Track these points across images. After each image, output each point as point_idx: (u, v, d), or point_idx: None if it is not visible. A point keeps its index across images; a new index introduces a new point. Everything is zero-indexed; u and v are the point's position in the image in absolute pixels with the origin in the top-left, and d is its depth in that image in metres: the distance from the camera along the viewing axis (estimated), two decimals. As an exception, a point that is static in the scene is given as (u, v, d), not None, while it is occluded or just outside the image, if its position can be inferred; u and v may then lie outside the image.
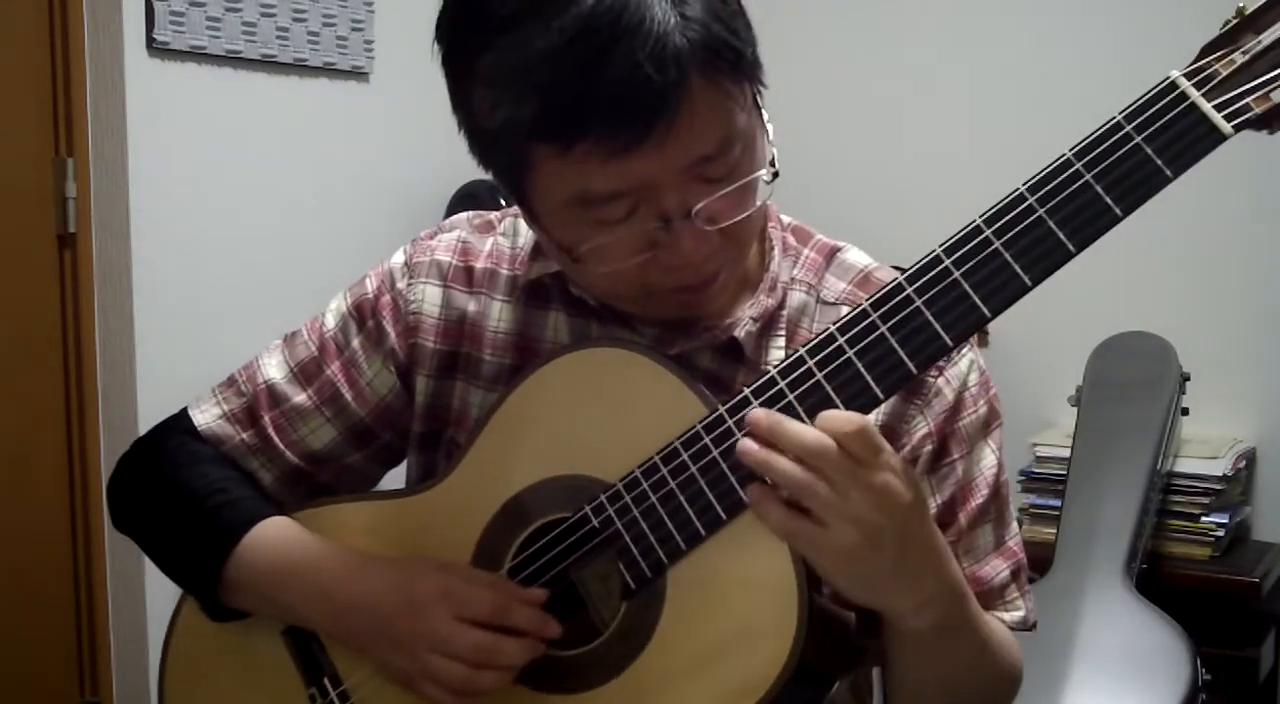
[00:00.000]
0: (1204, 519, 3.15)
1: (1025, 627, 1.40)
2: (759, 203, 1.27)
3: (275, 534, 1.42)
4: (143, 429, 1.58)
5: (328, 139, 3.27)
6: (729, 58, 1.19)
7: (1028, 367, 3.27)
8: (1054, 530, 3.05)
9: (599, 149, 1.16)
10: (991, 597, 1.37)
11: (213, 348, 2.79)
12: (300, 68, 3.17)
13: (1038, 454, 3.32)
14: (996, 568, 1.38)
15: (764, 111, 1.27)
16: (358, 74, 3.32)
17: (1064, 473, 3.15)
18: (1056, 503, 3.12)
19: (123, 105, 2.81)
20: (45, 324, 2.81)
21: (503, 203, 3.15)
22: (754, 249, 1.38)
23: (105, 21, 2.79)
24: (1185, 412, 3.24)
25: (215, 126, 3.00)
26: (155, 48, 2.85)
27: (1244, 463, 3.29)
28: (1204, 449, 3.24)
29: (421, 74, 3.60)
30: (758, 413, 1.15)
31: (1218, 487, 3.15)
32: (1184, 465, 3.19)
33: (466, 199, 3.32)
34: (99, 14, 2.79)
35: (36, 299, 2.79)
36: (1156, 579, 3.06)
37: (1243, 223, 3.30)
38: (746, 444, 1.15)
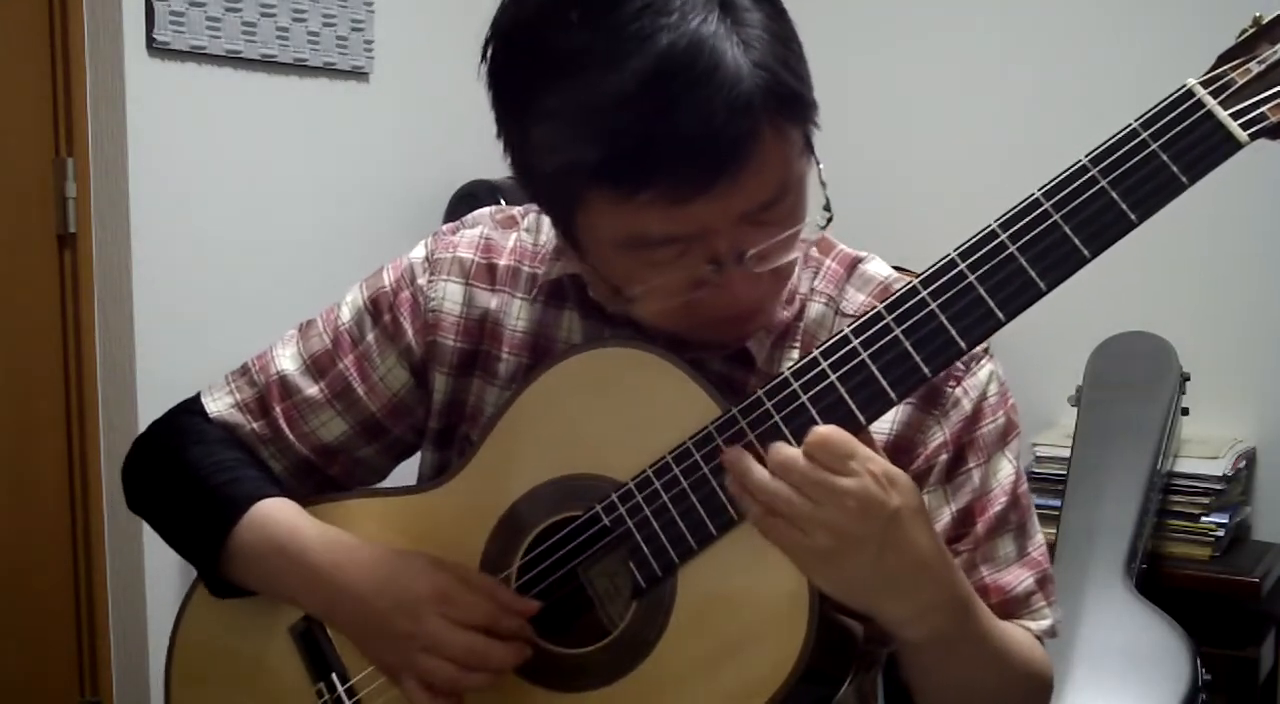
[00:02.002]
0: (1204, 519, 3.15)
1: (1053, 635, 1.39)
2: (810, 243, 1.28)
3: (272, 513, 1.43)
4: (143, 429, 1.58)
5: (328, 139, 3.26)
6: (794, 104, 1.19)
7: (1028, 367, 3.26)
8: (1054, 530, 3.05)
9: (662, 197, 1.15)
10: (1016, 605, 1.36)
11: (213, 348, 2.79)
12: (300, 68, 3.16)
13: (1038, 454, 3.32)
14: (1019, 577, 1.37)
15: (815, 152, 1.26)
16: (358, 74, 3.32)
17: (1064, 473, 3.15)
18: (1056, 503, 3.12)
19: (123, 105, 2.80)
20: (45, 324, 2.81)
21: (503, 202, 3.16)
22: None
23: (105, 21, 2.78)
24: (1185, 412, 3.24)
25: (215, 126, 2.99)
26: (155, 48, 2.84)
27: (1244, 463, 3.29)
28: (1204, 449, 3.24)
29: (421, 74, 3.62)
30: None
31: (1218, 487, 3.15)
32: (1184, 465, 3.19)
33: (466, 199, 3.31)
34: (99, 14, 2.78)
35: (36, 299, 2.79)
36: (1156, 579, 3.06)
37: (1243, 223, 3.31)
38: (729, 453, 1.17)
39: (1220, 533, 3.13)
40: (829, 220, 1.26)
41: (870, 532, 1.12)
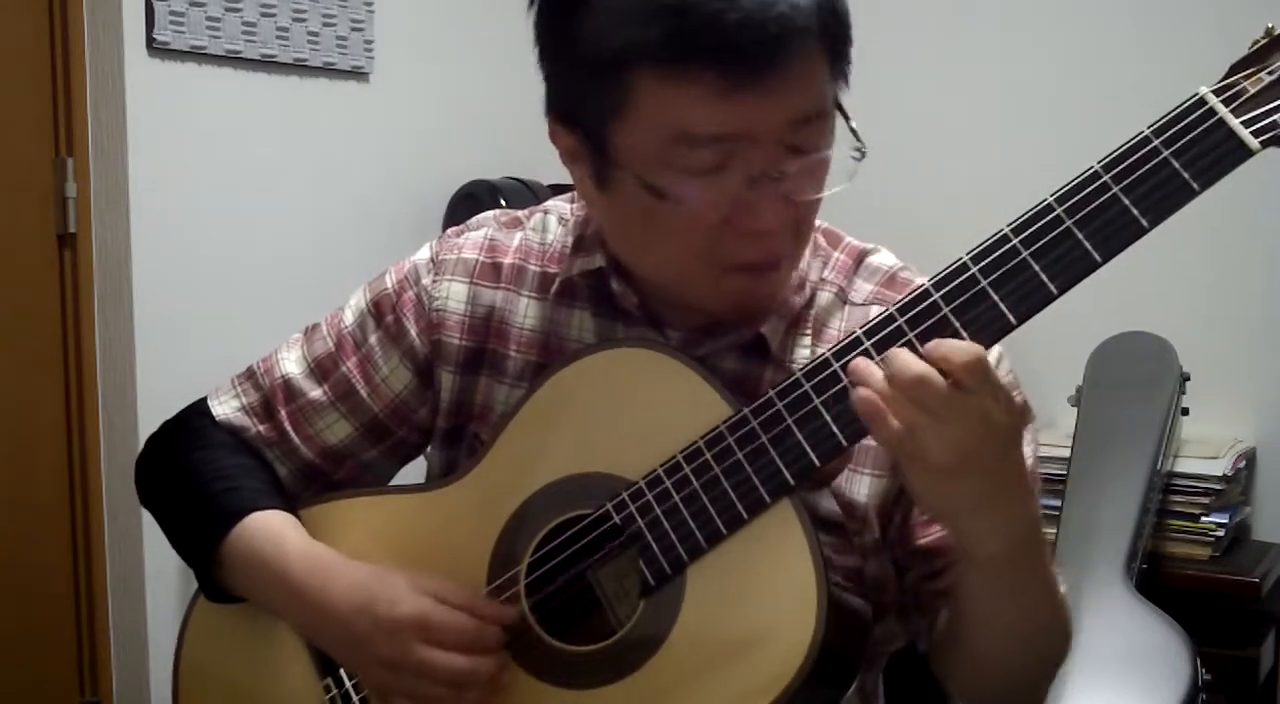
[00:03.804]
0: (1204, 519, 3.13)
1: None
2: (837, 189, 1.29)
3: (263, 527, 1.44)
4: (143, 429, 1.60)
5: (328, 139, 3.26)
6: (839, 25, 1.24)
7: (1028, 366, 3.24)
8: (1054, 530, 3.04)
9: (720, 80, 1.18)
10: None
11: (213, 347, 2.80)
12: (300, 68, 3.16)
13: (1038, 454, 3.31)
14: None
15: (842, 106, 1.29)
16: (358, 74, 3.32)
17: (1064, 473, 3.14)
18: (1056, 503, 3.11)
19: (123, 105, 2.81)
20: (45, 324, 2.81)
21: (503, 203, 3.17)
22: None
23: (105, 21, 2.79)
24: (1185, 412, 3.23)
25: (215, 126, 3.00)
26: (155, 48, 2.84)
27: (1244, 463, 3.28)
28: (1204, 449, 3.23)
29: (421, 74, 3.61)
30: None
31: (1218, 487, 3.14)
32: (1184, 465, 3.18)
33: (466, 199, 3.32)
34: (99, 14, 2.78)
35: (36, 299, 2.80)
36: (1156, 579, 3.05)
37: (1244, 223, 3.29)
38: (860, 368, 1.16)
39: (1220, 533, 3.12)
40: (863, 155, 1.29)
41: (989, 454, 1.13)
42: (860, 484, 1.36)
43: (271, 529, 1.44)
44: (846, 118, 1.29)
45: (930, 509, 1.23)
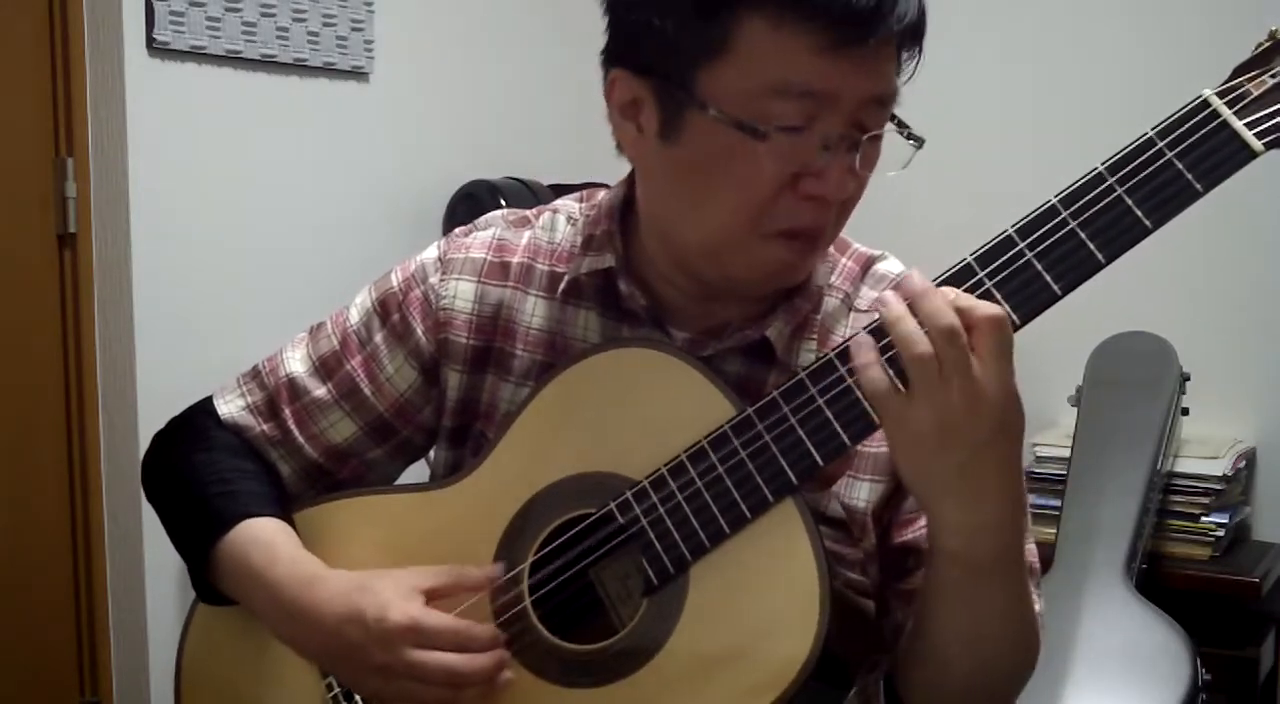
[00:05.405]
0: (1204, 519, 3.14)
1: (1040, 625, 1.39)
2: (893, 173, 1.31)
3: (256, 536, 1.44)
4: (143, 429, 1.60)
5: (328, 139, 3.26)
6: (923, 27, 1.28)
7: (1028, 367, 3.22)
8: (1054, 530, 3.05)
9: (826, 34, 1.20)
10: None
11: (213, 348, 2.81)
12: (300, 68, 3.16)
13: (1038, 454, 3.31)
14: None
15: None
16: (358, 74, 3.31)
17: (1064, 473, 3.15)
18: (1056, 503, 3.12)
19: (123, 105, 2.80)
20: (45, 324, 2.81)
21: (503, 203, 3.17)
22: None
23: (105, 21, 2.78)
24: (1185, 412, 3.23)
25: (215, 126, 2.99)
26: (155, 48, 2.83)
27: (1244, 463, 3.29)
28: (1204, 449, 3.23)
29: (421, 74, 3.60)
30: (916, 276, 1.16)
31: (1218, 487, 3.15)
32: (1184, 465, 3.19)
33: (466, 199, 3.32)
34: (99, 14, 2.78)
35: (36, 299, 2.79)
36: (1156, 579, 3.06)
37: (1243, 223, 3.29)
38: (889, 295, 1.16)
39: (1220, 533, 3.13)
40: (920, 144, 1.31)
41: (969, 430, 1.12)
42: (860, 490, 1.36)
43: (263, 538, 1.44)
44: (895, 118, 1.31)
45: (905, 480, 1.22)
